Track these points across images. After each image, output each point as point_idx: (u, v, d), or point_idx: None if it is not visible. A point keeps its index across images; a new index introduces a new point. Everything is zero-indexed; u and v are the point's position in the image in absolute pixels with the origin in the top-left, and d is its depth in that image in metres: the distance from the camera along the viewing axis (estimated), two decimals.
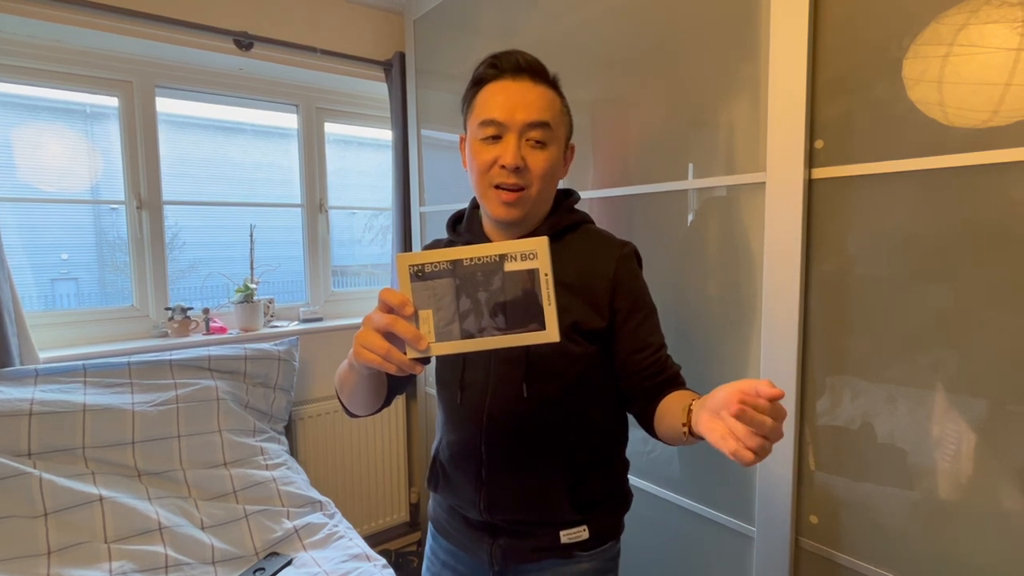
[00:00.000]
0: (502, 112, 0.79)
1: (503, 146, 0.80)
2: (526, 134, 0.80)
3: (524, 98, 0.80)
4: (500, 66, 0.82)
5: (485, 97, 0.82)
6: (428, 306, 0.61)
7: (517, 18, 1.63)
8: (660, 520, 1.35)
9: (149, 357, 1.70)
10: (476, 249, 0.61)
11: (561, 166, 0.87)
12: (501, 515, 0.87)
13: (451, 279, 0.61)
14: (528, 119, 0.79)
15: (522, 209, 0.82)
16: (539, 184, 0.82)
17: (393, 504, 2.35)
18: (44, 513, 1.31)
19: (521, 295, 0.61)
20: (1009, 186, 0.82)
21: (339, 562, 1.38)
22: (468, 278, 0.60)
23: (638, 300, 0.86)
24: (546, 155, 0.81)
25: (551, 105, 0.82)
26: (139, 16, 1.71)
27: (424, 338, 0.61)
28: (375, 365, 0.62)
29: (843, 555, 1.03)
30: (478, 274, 0.60)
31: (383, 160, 2.50)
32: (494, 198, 0.82)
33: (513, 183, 0.80)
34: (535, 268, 0.60)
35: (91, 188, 1.89)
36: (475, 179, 0.84)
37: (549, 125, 0.81)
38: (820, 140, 1.01)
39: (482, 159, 0.81)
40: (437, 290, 0.61)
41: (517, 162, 0.79)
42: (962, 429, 0.89)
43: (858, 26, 0.96)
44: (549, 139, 0.82)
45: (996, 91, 0.83)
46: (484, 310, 0.61)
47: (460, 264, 0.60)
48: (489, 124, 0.80)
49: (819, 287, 1.03)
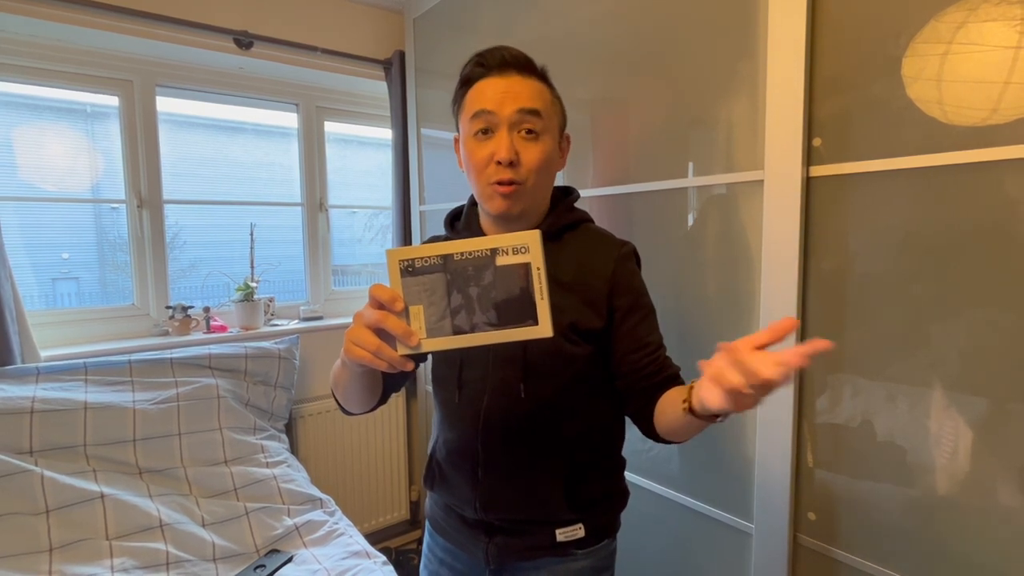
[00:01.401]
0: (492, 102, 0.79)
1: (496, 141, 0.80)
2: (518, 125, 0.80)
3: (512, 90, 0.80)
4: (486, 63, 0.82)
5: (474, 94, 0.82)
6: (419, 302, 0.60)
7: (516, 17, 1.63)
8: (659, 517, 1.35)
9: (150, 355, 1.71)
10: (467, 243, 0.60)
11: (557, 158, 0.87)
12: (497, 514, 0.87)
13: (442, 274, 0.60)
14: (518, 106, 0.79)
15: (520, 202, 0.82)
16: (535, 177, 0.81)
17: (393, 502, 2.36)
18: (46, 510, 1.31)
19: (513, 290, 0.60)
20: (1007, 184, 0.82)
21: (339, 559, 1.38)
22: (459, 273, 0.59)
23: (636, 300, 0.86)
24: (540, 146, 0.81)
25: (540, 95, 0.82)
26: (140, 15, 1.71)
27: (415, 334, 0.60)
28: (365, 362, 0.61)
29: (841, 552, 1.03)
30: (469, 269, 0.59)
31: (383, 159, 2.50)
32: (492, 194, 0.82)
33: (509, 178, 0.80)
34: (527, 262, 0.59)
35: (92, 187, 1.89)
36: (472, 178, 0.84)
37: (540, 113, 0.80)
38: (818, 138, 1.01)
39: (477, 157, 0.82)
40: (428, 285, 0.60)
41: (511, 155, 0.79)
42: (960, 427, 0.89)
43: (856, 24, 0.96)
44: (541, 129, 0.81)
45: (994, 89, 0.83)
46: (476, 305, 0.60)
47: (451, 259, 0.59)
48: (479, 115, 0.80)
49: (817, 285, 1.04)
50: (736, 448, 1.18)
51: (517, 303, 0.60)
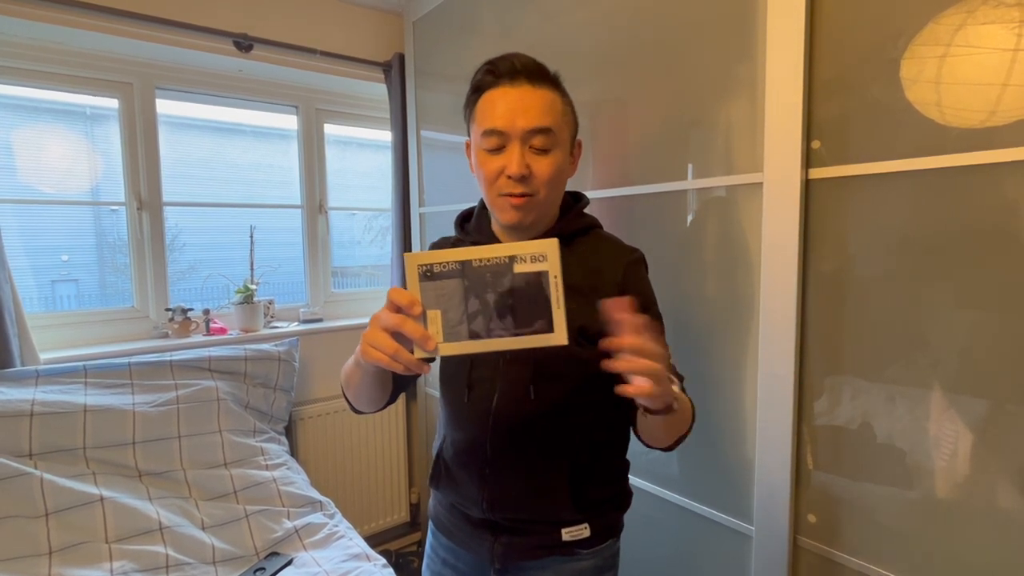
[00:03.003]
0: (503, 121, 0.80)
1: (507, 156, 0.80)
2: (528, 141, 0.80)
3: (523, 104, 0.80)
4: (497, 71, 0.82)
5: (485, 105, 0.83)
6: (436, 306, 0.61)
7: (516, 19, 1.63)
8: (660, 519, 1.35)
9: (150, 358, 1.71)
10: (486, 250, 0.60)
11: (569, 166, 0.87)
12: (503, 513, 0.88)
13: (460, 280, 0.60)
14: (528, 126, 0.79)
15: (532, 213, 0.83)
16: (546, 189, 0.82)
17: (393, 504, 2.36)
18: (45, 513, 1.31)
19: (530, 297, 0.60)
20: (1006, 186, 0.82)
21: (339, 562, 1.38)
22: (477, 279, 0.60)
23: (644, 306, 0.86)
24: (551, 160, 0.82)
25: (552, 108, 0.82)
26: (139, 18, 1.71)
27: (432, 338, 0.61)
28: (383, 364, 0.62)
29: (841, 554, 1.03)
30: (487, 275, 0.60)
31: (383, 161, 2.50)
32: (504, 205, 0.83)
33: (520, 191, 0.81)
34: (544, 270, 0.60)
35: (91, 189, 1.89)
36: (483, 189, 0.85)
37: (551, 130, 0.81)
38: (817, 140, 1.02)
39: (488, 169, 0.82)
40: (446, 290, 0.60)
41: (523, 171, 0.79)
42: (960, 429, 0.89)
43: (855, 26, 0.96)
44: (552, 144, 0.82)
45: (993, 91, 0.83)
46: (492, 311, 0.60)
47: (469, 265, 0.60)
48: (491, 134, 0.81)
49: (817, 287, 1.04)
50: (736, 450, 1.18)
51: (534, 310, 0.61)
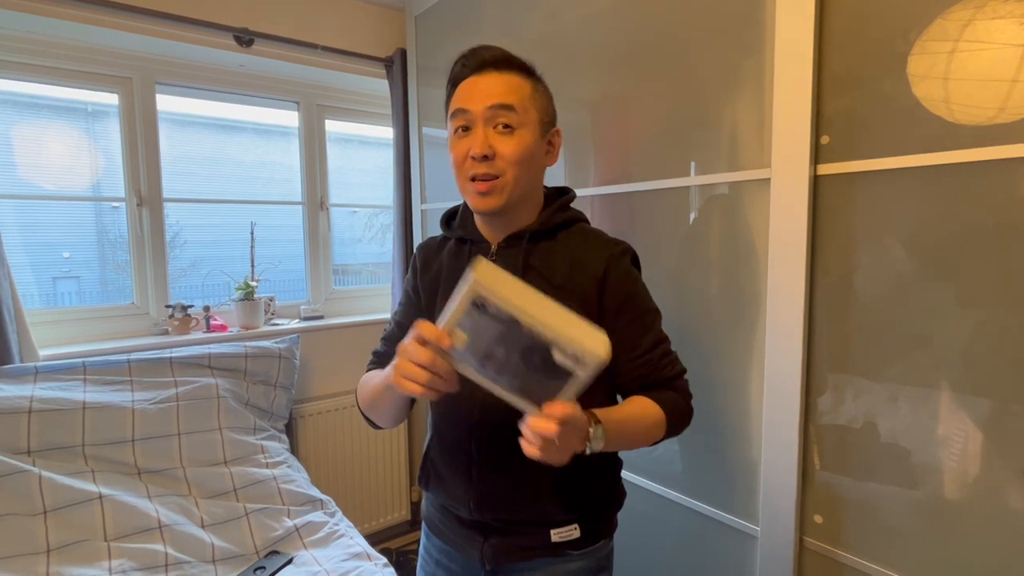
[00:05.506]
0: (466, 100, 0.81)
1: (472, 137, 0.81)
2: (492, 120, 0.81)
3: (488, 86, 0.81)
4: (468, 63, 0.84)
5: (456, 95, 0.85)
6: (467, 332, 0.61)
7: (518, 14, 1.62)
8: (664, 519, 1.34)
9: (149, 355, 1.70)
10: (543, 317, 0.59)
11: (542, 153, 0.86)
12: (491, 514, 0.87)
13: (501, 327, 0.59)
14: (489, 102, 0.80)
15: (498, 197, 0.82)
16: (514, 170, 0.81)
17: (394, 502, 2.35)
18: (44, 511, 1.30)
19: (549, 381, 0.60)
20: (1016, 182, 0.82)
21: (340, 561, 1.37)
22: (515, 337, 0.59)
23: (628, 299, 0.85)
24: (516, 139, 0.81)
25: (517, 88, 0.82)
26: (139, 12, 1.70)
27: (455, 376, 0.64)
28: (417, 395, 0.65)
29: (847, 554, 1.02)
30: (526, 340, 0.59)
31: (384, 158, 2.49)
32: (471, 190, 0.83)
33: (484, 172, 0.81)
34: (576, 372, 0.59)
35: (92, 186, 1.88)
36: (455, 175, 0.86)
37: (514, 108, 0.81)
38: (826, 136, 1.01)
39: (456, 153, 0.83)
40: (482, 326, 0.60)
41: (484, 149, 0.79)
42: (967, 428, 0.88)
43: (864, 22, 0.95)
44: (517, 123, 0.81)
45: (1002, 87, 0.82)
46: (508, 368, 0.61)
47: (517, 323, 0.59)
48: (457, 115, 0.82)
49: (824, 285, 1.03)
50: (741, 450, 1.17)
51: (542, 392, 0.61)
